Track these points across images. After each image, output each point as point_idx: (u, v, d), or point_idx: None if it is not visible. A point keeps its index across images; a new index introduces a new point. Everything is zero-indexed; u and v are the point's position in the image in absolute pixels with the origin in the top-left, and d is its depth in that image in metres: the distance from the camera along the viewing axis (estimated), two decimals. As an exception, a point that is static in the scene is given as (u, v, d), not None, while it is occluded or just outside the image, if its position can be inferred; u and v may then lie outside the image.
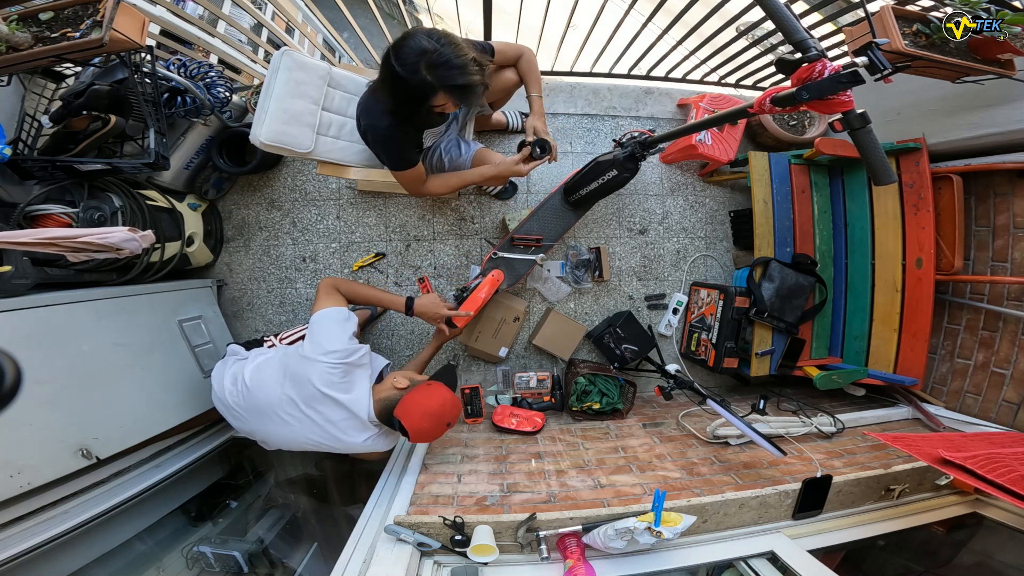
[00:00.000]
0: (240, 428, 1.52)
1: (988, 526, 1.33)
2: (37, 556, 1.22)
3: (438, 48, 1.17)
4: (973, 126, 1.69)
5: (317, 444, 1.37)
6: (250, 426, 1.46)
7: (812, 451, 1.51)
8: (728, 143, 2.10)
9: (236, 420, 1.49)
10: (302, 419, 1.33)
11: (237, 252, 2.18)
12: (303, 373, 1.31)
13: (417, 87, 1.20)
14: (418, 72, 1.17)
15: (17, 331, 1.24)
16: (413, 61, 1.17)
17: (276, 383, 1.37)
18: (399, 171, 1.49)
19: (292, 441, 1.40)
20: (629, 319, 2.11)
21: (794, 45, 1.02)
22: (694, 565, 1.18)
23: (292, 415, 1.34)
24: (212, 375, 1.55)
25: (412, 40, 1.18)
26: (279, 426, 1.37)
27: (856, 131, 1.01)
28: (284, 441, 1.43)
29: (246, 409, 1.44)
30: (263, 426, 1.42)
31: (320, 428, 1.33)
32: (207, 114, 1.81)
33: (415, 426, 1.26)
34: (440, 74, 1.18)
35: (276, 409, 1.35)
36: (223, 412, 1.53)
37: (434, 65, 1.17)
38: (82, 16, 1.28)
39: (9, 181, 1.48)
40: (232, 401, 1.45)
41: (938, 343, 1.94)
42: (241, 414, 1.45)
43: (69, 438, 1.32)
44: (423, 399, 1.29)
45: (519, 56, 1.55)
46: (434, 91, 1.20)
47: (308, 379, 1.30)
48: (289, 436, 1.38)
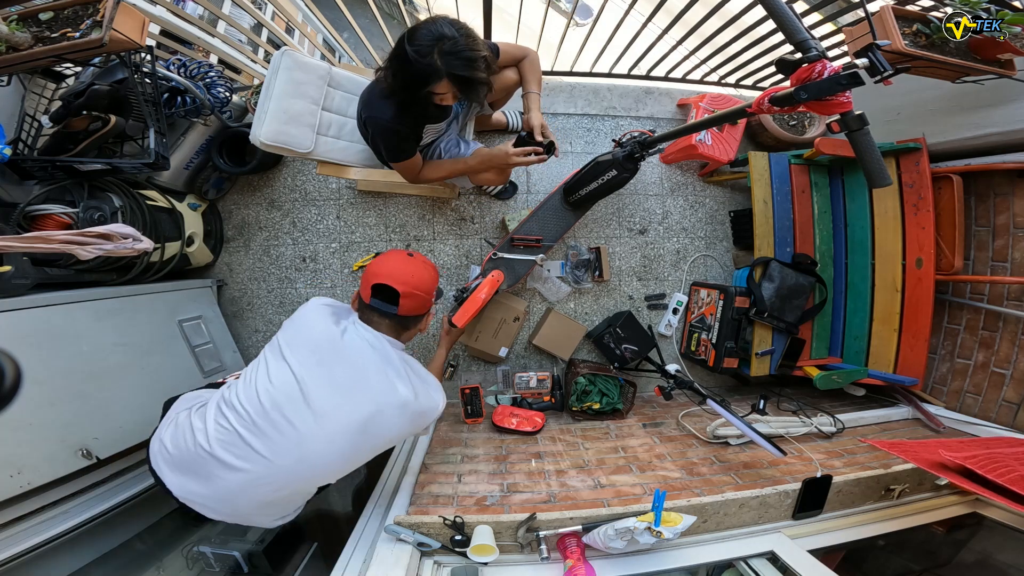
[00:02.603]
0: (208, 490, 1.04)
1: (988, 526, 1.33)
2: (37, 556, 1.22)
3: (456, 36, 1.18)
4: (973, 126, 1.69)
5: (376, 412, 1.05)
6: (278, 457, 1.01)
7: (812, 451, 1.51)
8: (728, 143, 2.10)
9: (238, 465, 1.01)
10: (344, 389, 1.05)
11: (237, 252, 2.18)
12: (296, 331, 1.12)
13: (422, 70, 1.19)
14: (429, 55, 1.17)
15: (17, 331, 1.24)
16: (428, 44, 1.17)
17: (275, 369, 1.06)
18: (396, 162, 1.51)
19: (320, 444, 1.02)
20: (629, 319, 2.11)
21: (795, 45, 1.02)
22: (694, 565, 1.18)
23: (329, 387, 1.03)
24: (154, 442, 1.11)
25: (433, 25, 1.19)
26: (298, 428, 1.01)
27: (853, 133, 1.00)
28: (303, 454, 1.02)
29: (248, 433, 1.01)
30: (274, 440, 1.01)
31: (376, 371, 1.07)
32: (207, 114, 1.81)
33: (381, 272, 1.13)
34: (450, 61, 1.18)
35: (290, 398, 1.01)
36: (175, 475, 1.06)
37: (447, 52, 1.18)
38: (82, 16, 1.29)
39: (9, 181, 1.48)
40: (230, 434, 1.02)
41: (938, 343, 1.94)
42: (254, 446, 1.01)
43: (69, 438, 1.32)
44: (374, 262, 1.20)
45: (523, 57, 1.55)
46: (439, 77, 1.20)
47: (304, 333, 1.11)
48: (315, 435, 1.01)
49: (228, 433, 1.03)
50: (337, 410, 1.03)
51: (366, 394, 1.06)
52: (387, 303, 1.14)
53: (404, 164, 1.52)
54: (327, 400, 1.03)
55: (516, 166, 1.55)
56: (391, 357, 1.13)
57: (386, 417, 1.07)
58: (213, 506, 1.06)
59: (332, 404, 1.03)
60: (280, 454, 1.01)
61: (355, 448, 1.07)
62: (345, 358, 1.08)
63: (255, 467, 1.01)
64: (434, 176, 1.62)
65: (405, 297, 1.13)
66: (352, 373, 1.06)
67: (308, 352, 1.07)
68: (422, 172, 1.60)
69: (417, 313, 1.20)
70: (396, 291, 1.12)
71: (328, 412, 1.03)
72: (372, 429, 1.06)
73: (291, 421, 1.01)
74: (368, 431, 1.06)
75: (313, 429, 1.02)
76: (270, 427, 1.01)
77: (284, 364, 1.06)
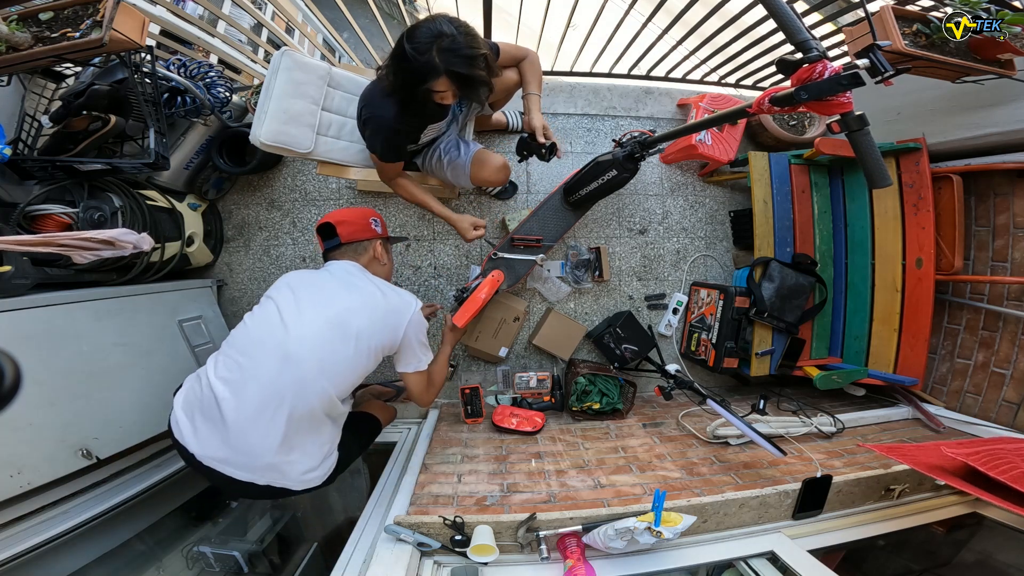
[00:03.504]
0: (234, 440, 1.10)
1: (988, 526, 1.33)
2: (37, 556, 1.22)
3: (455, 34, 1.18)
4: (973, 126, 1.69)
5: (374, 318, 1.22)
6: (272, 375, 1.11)
7: (812, 451, 1.51)
8: (728, 143, 2.10)
9: (238, 403, 1.11)
10: (318, 304, 1.21)
11: (237, 252, 2.18)
12: (278, 283, 1.32)
13: (421, 67, 1.19)
14: (427, 52, 1.17)
15: (17, 331, 1.24)
16: (426, 41, 1.17)
17: (263, 307, 1.25)
18: (384, 162, 1.54)
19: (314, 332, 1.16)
20: (629, 319, 2.11)
21: (796, 45, 1.02)
22: (694, 565, 1.18)
23: (308, 304, 1.21)
24: (172, 416, 1.20)
25: (432, 22, 1.19)
26: (299, 329, 1.15)
27: (853, 133, 1.00)
28: (335, 347, 1.16)
29: (247, 360, 1.14)
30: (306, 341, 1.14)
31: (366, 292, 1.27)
32: (207, 114, 1.81)
33: (320, 222, 1.40)
34: (448, 59, 1.18)
35: (287, 313, 1.18)
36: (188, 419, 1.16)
37: (445, 49, 1.18)
38: (82, 16, 1.29)
39: (9, 181, 1.47)
40: (222, 367, 1.16)
41: (938, 343, 1.94)
42: (242, 365, 1.13)
43: (69, 438, 1.32)
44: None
45: (524, 57, 1.55)
46: (437, 74, 1.20)
47: (285, 279, 1.32)
48: (313, 328, 1.16)
49: (221, 367, 1.17)
50: (306, 313, 1.18)
51: (332, 299, 1.22)
52: (332, 239, 1.37)
53: (387, 166, 1.56)
54: (295, 312, 1.18)
55: (502, 177, 1.68)
56: (354, 272, 1.32)
57: (356, 313, 1.20)
58: (232, 457, 1.12)
59: (301, 312, 1.18)
60: (263, 363, 1.13)
61: (333, 343, 1.17)
62: (313, 283, 1.27)
63: (246, 385, 1.11)
64: (402, 190, 1.65)
65: (339, 224, 1.36)
66: (318, 290, 1.25)
67: (287, 288, 1.26)
68: (396, 180, 1.63)
69: (360, 237, 1.39)
70: (331, 224, 1.36)
71: (298, 318, 1.17)
72: (346, 321, 1.18)
73: (269, 335, 1.16)
74: (341, 325, 1.18)
75: (286, 335, 1.14)
76: (252, 347, 1.16)
77: (267, 300, 1.26)
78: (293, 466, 1.16)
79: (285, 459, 1.14)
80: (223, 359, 1.19)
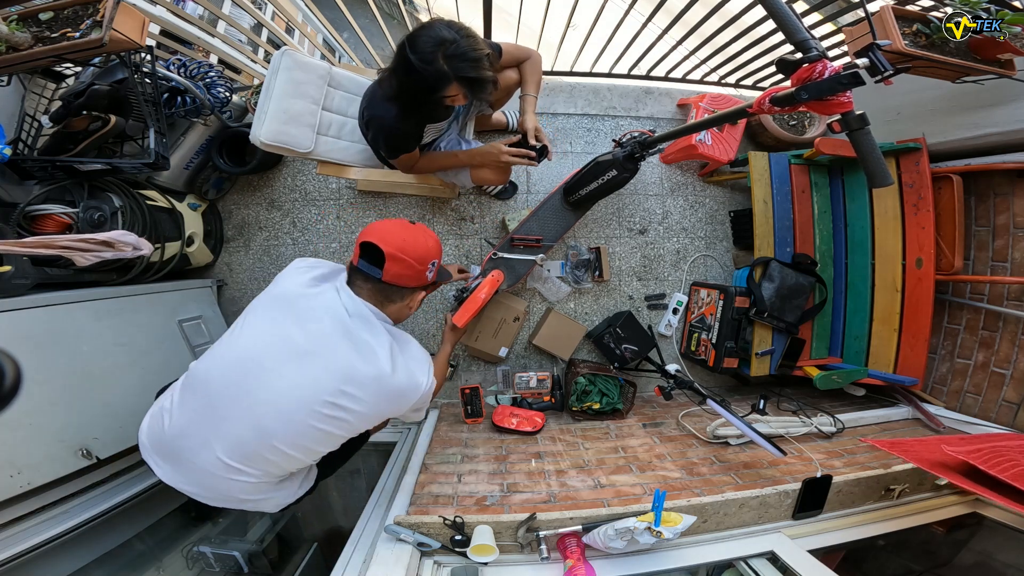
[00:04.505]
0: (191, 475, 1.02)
1: (988, 526, 1.33)
2: (37, 556, 1.22)
3: (457, 39, 1.18)
4: (973, 126, 1.69)
5: (332, 392, 0.96)
6: (208, 442, 0.97)
7: (812, 451, 1.51)
8: (728, 143, 2.10)
9: (172, 452, 1.02)
10: (306, 354, 0.97)
11: (237, 252, 2.18)
12: (271, 291, 1.07)
13: (431, 77, 1.20)
14: (434, 62, 1.18)
15: (17, 331, 1.24)
16: (430, 51, 1.17)
17: (239, 332, 1.02)
18: (394, 158, 1.54)
19: (279, 414, 0.95)
20: (629, 319, 2.11)
21: (795, 45, 1.02)
22: (694, 565, 1.18)
23: (290, 351, 0.96)
24: (140, 434, 1.08)
25: (431, 30, 1.19)
26: (255, 395, 0.95)
27: (854, 132, 1.00)
28: (264, 426, 0.95)
29: (197, 415, 0.99)
30: (233, 413, 0.96)
31: (333, 353, 0.97)
32: (207, 114, 1.81)
33: (373, 231, 1.03)
34: (456, 65, 1.19)
35: (246, 362, 0.97)
36: (156, 463, 1.05)
37: (451, 56, 1.18)
38: (82, 16, 1.29)
39: (9, 181, 1.47)
40: (176, 416, 1.01)
41: (938, 343, 1.94)
42: (189, 427, 1.00)
43: (69, 438, 1.32)
44: (370, 224, 1.09)
45: (526, 58, 1.56)
46: (448, 81, 1.21)
47: (278, 292, 1.05)
48: (275, 403, 0.95)
49: (185, 408, 1.00)
50: (286, 375, 0.95)
51: (330, 362, 0.96)
52: (373, 265, 1.03)
53: (402, 159, 1.55)
54: (273, 366, 0.96)
55: (508, 164, 1.57)
56: (372, 324, 1.03)
57: (351, 393, 0.97)
58: (198, 491, 1.03)
59: (281, 370, 0.96)
60: (240, 423, 0.96)
61: (313, 423, 0.97)
62: (307, 326, 0.98)
63: (221, 446, 0.96)
64: (428, 167, 1.65)
65: (391, 260, 1.01)
66: (314, 342, 0.97)
67: (273, 313, 1.01)
68: (417, 164, 1.63)
69: (405, 284, 1.06)
70: (382, 252, 1.01)
71: (275, 377, 0.95)
72: (336, 402, 0.97)
73: (246, 389, 0.95)
74: (330, 405, 0.96)
75: (269, 398, 0.95)
76: (227, 397, 0.96)
77: (249, 329, 1.02)
78: (267, 503, 1.12)
79: (256, 498, 1.08)
80: (185, 400, 1.02)
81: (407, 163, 1.60)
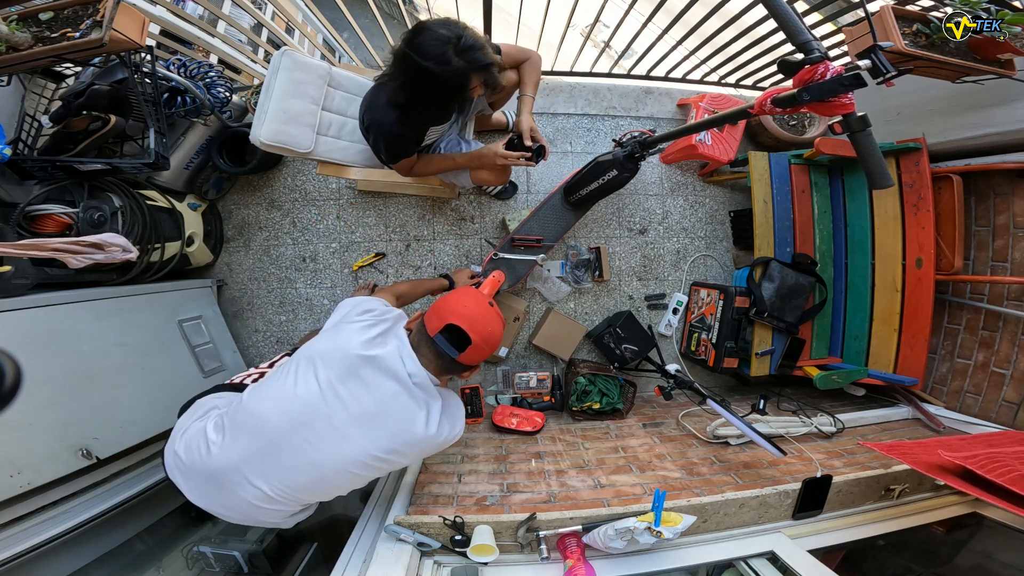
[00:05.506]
0: (227, 501, 1.02)
1: (988, 526, 1.33)
2: (37, 556, 1.22)
3: (461, 33, 1.19)
4: (973, 126, 1.69)
5: (372, 457, 1.00)
6: (255, 478, 0.99)
7: (812, 451, 1.51)
8: (728, 143, 2.10)
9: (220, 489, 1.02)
10: (373, 418, 1.00)
11: (237, 252, 2.18)
12: (334, 344, 1.05)
13: (452, 76, 1.20)
14: (451, 61, 1.18)
15: (17, 331, 1.24)
16: (442, 52, 1.17)
17: (302, 382, 1.01)
18: (395, 163, 1.54)
19: (336, 467, 1.00)
20: (629, 319, 2.11)
21: (797, 46, 1.01)
22: (694, 565, 1.18)
23: (357, 415, 0.99)
24: (168, 454, 1.07)
25: (430, 33, 1.19)
26: (318, 450, 0.98)
27: (856, 134, 1.00)
28: (321, 475, 1.01)
29: (252, 453, 0.99)
30: (291, 461, 0.99)
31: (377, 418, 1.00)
32: (207, 114, 1.81)
33: (461, 313, 1.03)
34: (470, 57, 1.20)
35: (312, 417, 0.98)
36: (190, 485, 1.04)
37: (463, 50, 1.19)
38: (82, 16, 1.28)
39: (9, 181, 1.47)
40: (228, 449, 1.00)
41: (938, 343, 1.94)
42: (238, 470, 0.99)
43: (69, 438, 1.32)
44: (452, 297, 1.09)
45: (526, 59, 1.56)
46: (468, 76, 1.22)
47: (342, 347, 1.03)
48: (333, 458, 0.99)
49: (238, 446, 0.99)
50: (359, 437, 0.99)
51: (391, 425, 1.01)
52: (452, 345, 1.03)
53: (399, 164, 1.56)
54: (350, 426, 0.99)
55: (505, 166, 1.56)
56: (430, 391, 1.05)
57: (405, 449, 1.03)
58: (227, 513, 1.05)
59: (356, 431, 0.99)
60: (296, 471, 0.99)
61: (368, 471, 1.04)
62: (377, 387, 1.01)
63: (270, 485, 0.99)
64: (425, 171, 1.64)
65: (475, 348, 1.03)
66: (382, 404, 1.00)
67: (339, 371, 1.01)
68: (416, 167, 1.63)
69: (472, 363, 1.09)
70: (469, 339, 1.02)
71: (349, 438, 0.99)
72: (389, 458, 1.03)
73: (310, 441, 0.98)
74: (384, 459, 1.02)
75: (330, 453, 0.99)
76: (288, 445, 0.98)
77: (313, 380, 1.01)
78: (286, 523, 1.14)
79: (278, 521, 1.11)
80: (244, 439, 1.00)
81: (406, 167, 1.60)
